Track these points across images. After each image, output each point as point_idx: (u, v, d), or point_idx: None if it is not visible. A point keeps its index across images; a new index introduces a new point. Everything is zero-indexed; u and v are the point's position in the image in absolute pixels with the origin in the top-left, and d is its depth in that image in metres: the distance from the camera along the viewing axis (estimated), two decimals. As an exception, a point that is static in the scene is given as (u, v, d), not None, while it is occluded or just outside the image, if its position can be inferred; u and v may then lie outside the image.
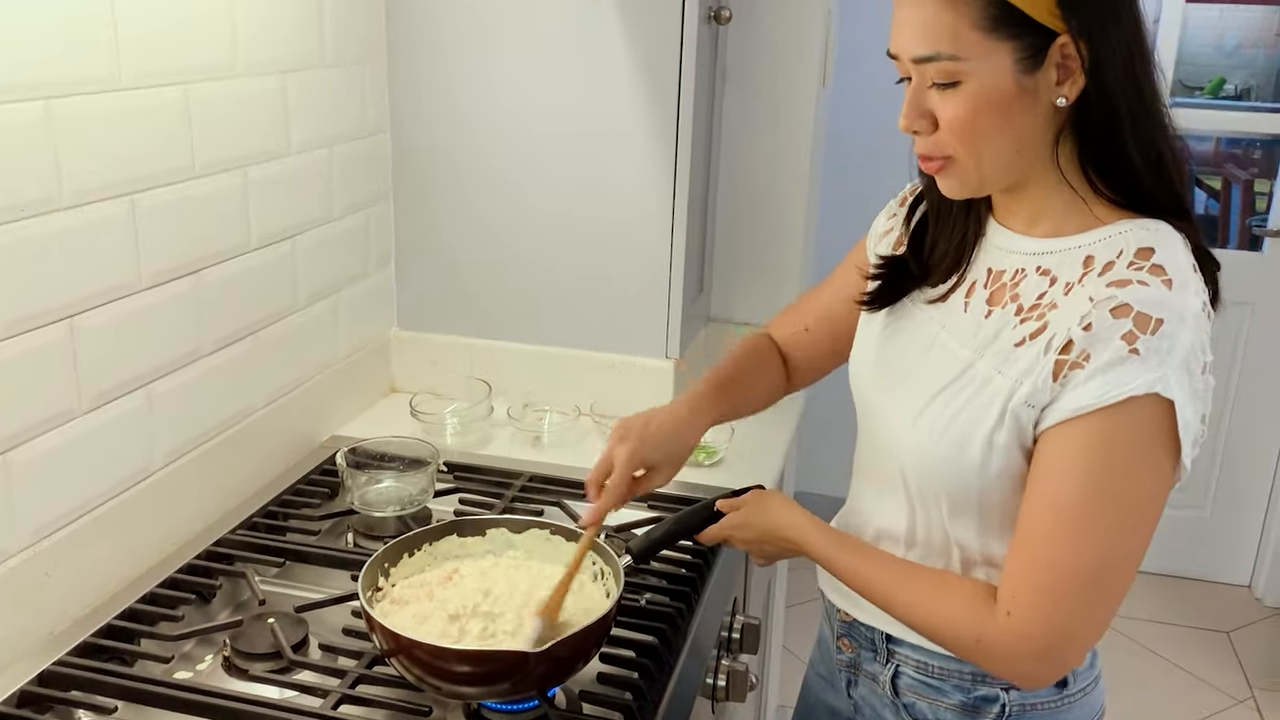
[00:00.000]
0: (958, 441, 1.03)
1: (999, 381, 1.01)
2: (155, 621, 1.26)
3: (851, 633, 1.24)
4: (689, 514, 1.27)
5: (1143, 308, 0.92)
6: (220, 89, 1.42)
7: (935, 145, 1.00)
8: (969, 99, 0.95)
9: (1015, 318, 1.03)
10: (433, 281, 1.94)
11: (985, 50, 0.94)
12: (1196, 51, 6.28)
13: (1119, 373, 0.92)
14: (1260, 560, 3.38)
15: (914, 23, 0.96)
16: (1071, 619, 0.97)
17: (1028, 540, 0.98)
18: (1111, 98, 0.95)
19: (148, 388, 1.35)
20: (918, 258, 1.15)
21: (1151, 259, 0.95)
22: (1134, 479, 0.95)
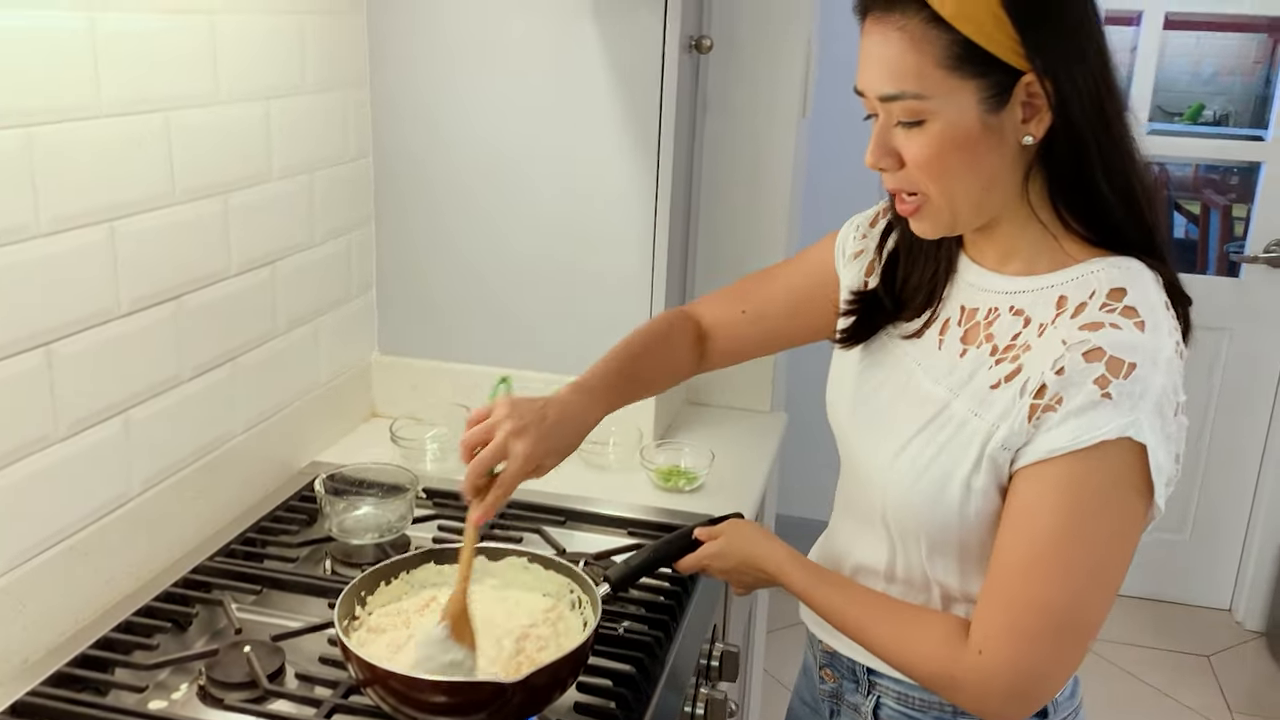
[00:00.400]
0: (936, 483, 1.03)
1: (976, 424, 1.01)
2: (130, 650, 1.25)
3: (833, 663, 1.24)
4: (667, 542, 1.28)
5: (1115, 351, 0.93)
6: (202, 116, 1.42)
7: (905, 181, 1.00)
8: (934, 138, 0.96)
9: (990, 358, 1.03)
10: (414, 306, 1.94)
11: (949, 89, 0.94)
12: (1175, 78, 6.35)
13: (1091, 417, 0.92)
14: (1240, 584, 3.39)
15: (879, 61, 0.96)
16: (1042, 659, 0.97)
17: (1001, 579, 0.98)
18: (1079, 135, 0.95)
19: (125, 414, 1.35)
20: (890, 292, 1.15)
21: (1124, 300, 0.95)
22: (1106, 521, 0.95)
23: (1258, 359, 3.21)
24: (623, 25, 1.73)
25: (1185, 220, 5.17)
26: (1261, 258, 3.12)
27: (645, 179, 1.79)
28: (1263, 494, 3.28)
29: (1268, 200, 3.12)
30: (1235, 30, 6.14)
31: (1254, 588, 3.33)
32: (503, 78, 1.80)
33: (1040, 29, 0.92)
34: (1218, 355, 3.24)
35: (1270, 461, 3.24)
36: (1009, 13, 0.91)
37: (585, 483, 1.74)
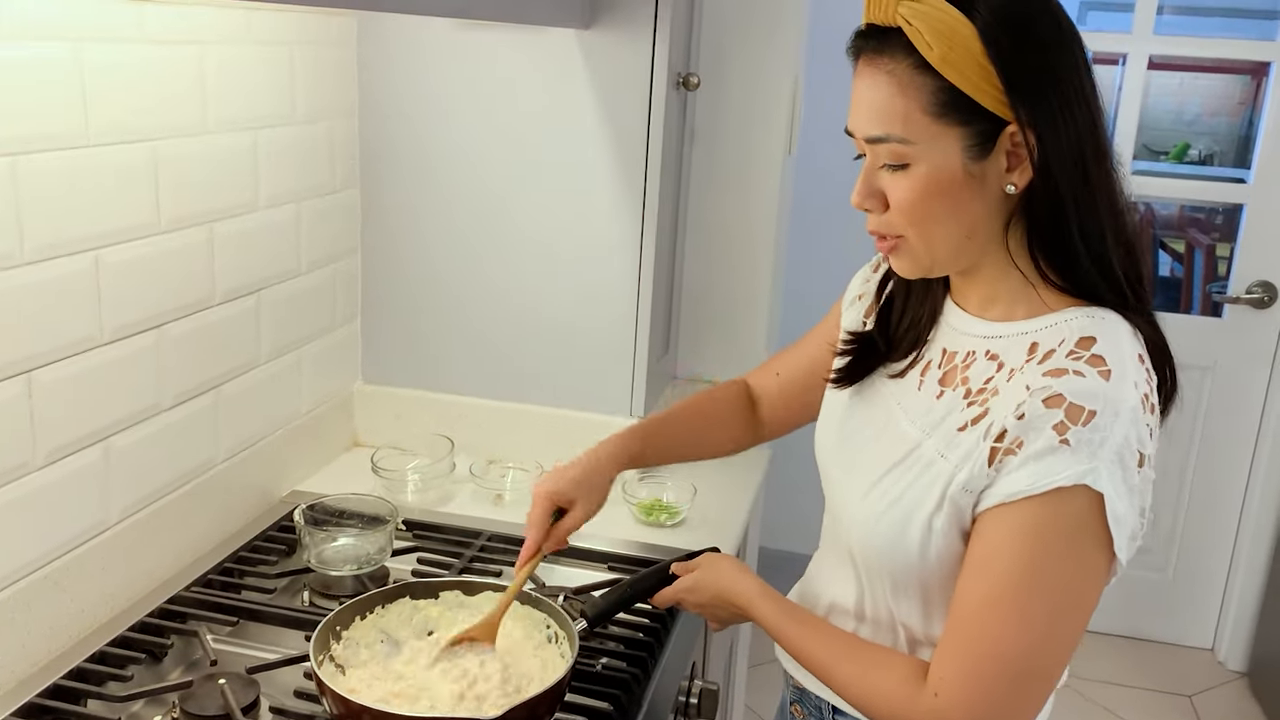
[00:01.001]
0: (899, 522, 1.04)
1: (941, 465, 1.01)
2: (103, 681, 1.24)
3: (803, 700, 1.25)
4: (643, 577, 1.28)
5: (1075, 399, 0.92)
6: (189, 145, 1.43)
7: (886, 225, 1.02)
8: (917, 182, 0.97)
9: (963, 400, 1.04)
10: (398, 336, 1.95)
11: (934, 135, 0.95)
12: (1160, 117, 6.43)
13: (1049, 463, 0.92)
14: (1223, 623, 3.39)
15: (868, 103, 0.98)
16: (997, 704, 0.97)
17: (958, 623, 0.98)
18: (1058, 189, 0.96)
19: (105, 442, 1.35)
20: (884, 333, 1.17)
21: (1092, 349, 0.95)
22: (1064, 568, 0.94)
23: (1240, 398, 3.23)
24: (610, 62, 1.75)
25: (1170, 259, 5.22)
26: (1243, 298, 3.14)
27: (632, 214, 1.80)
28: (1245, 533, 3.28)
29: (1249, 242, 3.15)
30: (1219, 72, 6.23)
31: (1236, 627, 3.33)
32: (491, 112, 1.81)
33: (1025, 81, 0.93)
34: (1201, 394, 3.25)
35: (1252, 501, 3.25)
36: (994, 63, 0.92)
37: (567, 516, 1.74)
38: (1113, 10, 5.09)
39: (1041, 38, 0.95)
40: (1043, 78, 0.94)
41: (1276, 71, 3.02)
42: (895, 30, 0.95)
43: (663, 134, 1.77)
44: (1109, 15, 5.49)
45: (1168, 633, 3.47)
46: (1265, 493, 3.21)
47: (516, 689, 1.12)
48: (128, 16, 1.30)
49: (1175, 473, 3.32)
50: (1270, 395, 3.19)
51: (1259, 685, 3.20)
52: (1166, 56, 3.39)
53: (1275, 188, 3.07)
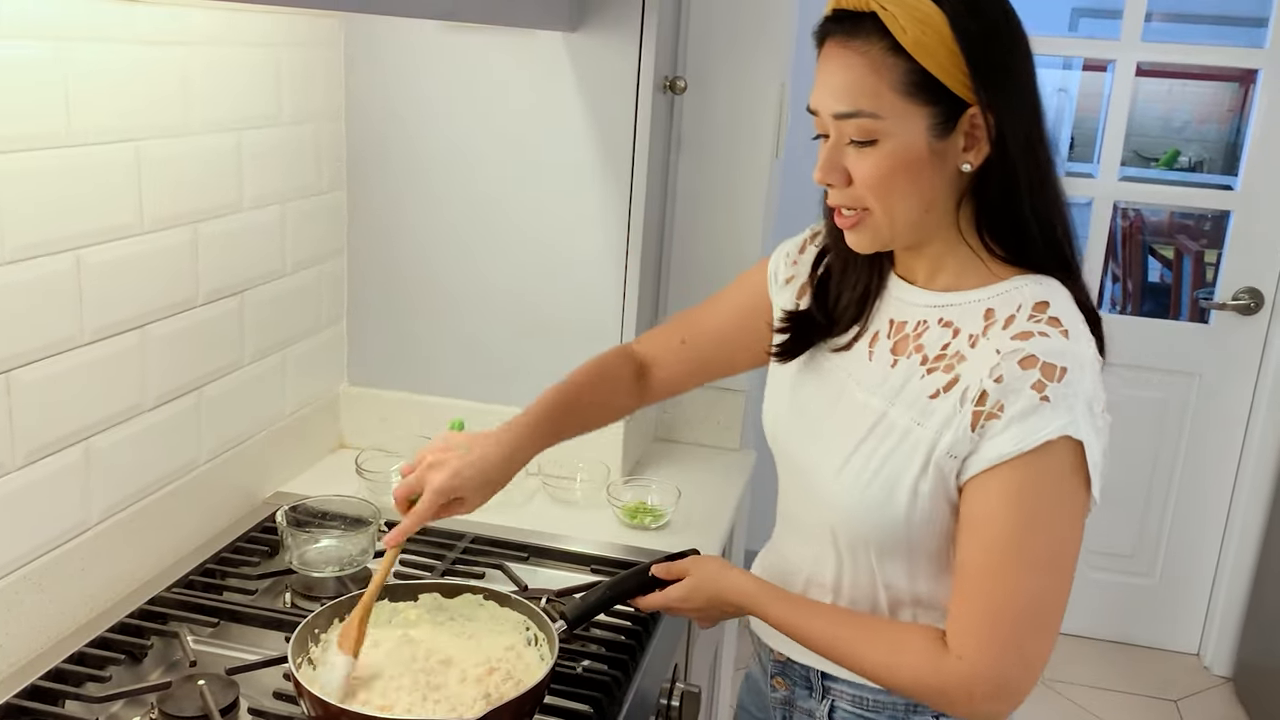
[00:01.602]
0: (885, 489, 1.08)
1: (919, 433, 1.06)
2: (81, 682, 1.24)
3: (785, 672, 1.27)
4: (624, 579, 1.27)
5: (1047, 357, 1.00)
6: (172, 146, 1.43)
7: (851, 198, 1.07)
8: (885, 157, 1.03)
9: (921, 367, 1.09)
10: (384, 338, 1.95)
11: (903, 112, 1.01)
12: (1150, 124, 6.46)
13: (1033, 420, 0.99)
14: (1208, 628, 3.40)
15: (839, 81, 1.03)
16: (1019, 654, 1.03)
17: (969, 585, 1.04)
18: (1012, 167, 1.03)
19: (86, 443, 1.34)
20: (823, 309, 1.21)
21: (1048, 312, 1.04)
22: (1056, 516, 1.02)
23: (1227, 404, 3.24)
24: (597, 64, 1.75)
25: (1160, 265, 5.24)
26: (1230, 305, 3.16)
27: (618, 217, 1.80)
28: (1231, 538, 3.30)
29: (1236, 249, 3.16)
30: (1208, 79, 6.26)
31: (1222, 632, 3.34)
32: (477, 114, 1.81)
33: (987, 67, 1.01)
34: (1188, 400, 3.27)
35: (1239, 506, 3.27)
36: (962, 50, 0.99)
37: (551, 519, 1.74)
38: (1103, 17, 5.12)
39: (999, 29, 1.03)
40: (1002, 65, 1.02)
41: (1264, 79, 3.03)
42: (869, 15, 1.01)
43: (649, 137, 1.77)
44: (1100, 22, 5.52)
45: (1154, 637, 3.47)
46: (1251, 498, 3.22)
47: (491, 693, 1.12)
48: (112, 17, 1.30)
49: (1161, 477, 3.33)
50: (1256, 401, 3.20)
51: (1244, 690, 3.21)
52: (1155, 63, 3.40)
53: (1262, 195, 3.09)
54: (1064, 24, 5.98)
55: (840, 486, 1.12)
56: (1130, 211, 5.18)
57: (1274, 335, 3.14)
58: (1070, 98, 6.52)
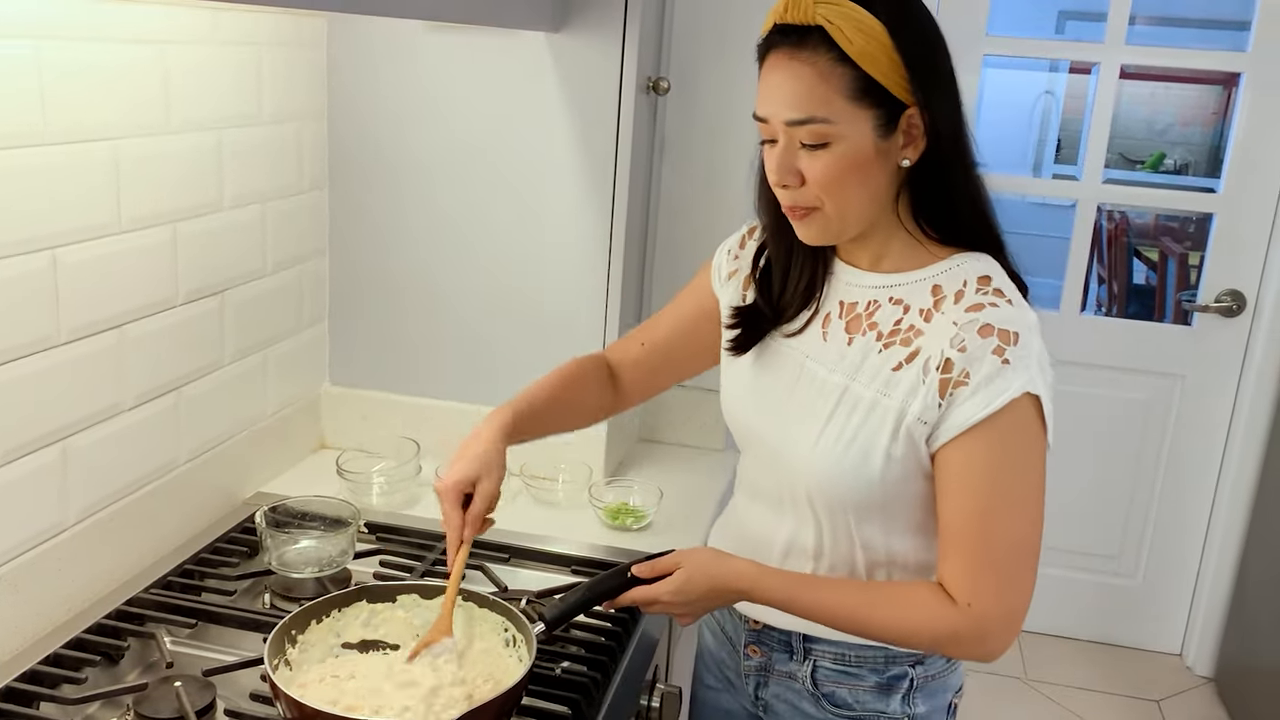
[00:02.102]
0: (860, 456, 1.16)
1: (886, 404, 1.15)
2: (57, 684, 1.23)
3: (761, 639, 1.32)
4: (603, 579, 1.27)
5: (1002, 324, 1.10)
6: (151, 145, 1.42)
7: (804, 198, 1.14)
8: (837, 159, 1.10)
9: (878, 343, 1.18)
10: (367, 338, 1.94)
11: (851, 116, 1.09)
12: (1134, 126, 6.49)
13: (998, 383, 1.09)
14: (1191, 629, 3.41)
15: (789, 90, 1.09)
16: (1017, 589, 1.13)
17: (961, 538, 1.13)
18: (946, 158, 1.14)
19: (63, 442, 1.34)
20: (768, 302, 1.27)
21: (992, 284, 1.15)
22: (1027, 463, 1.12)
23: (1210, 405, 3.25)
24: (580, 65, 1.75)
25: (1145, 267, 5.26)
26: (1213, 307, 3.17)
27: (601, 217, 1.80)
28: (1214, 539, 3.31)
29: (1219, 251, 3.17)
30: (1193, 82, 6.30)
31: (1204, 632, 3.35)
32: (460, 114, 1.81)
33: (924, 71, 1.10)
34: (1171, 402, 3.28)
35: (1221, 507, 3.28)
36: (902, 56, 1.08)
37: (533, 520, 1.74)
38: (1089, 19, 5.14)
39: (927, 33, 1.12)
40: (933, 67, 1.11)
41: (1246, 82, 3.04)
42: (814, 28, 1.07)
43: (632, 137, 1.77)
44: (1086, 25, 5.54)
45: (1136, 638, 3.49)
46: (1233, 499, 3.24)
47: (469, 695, 1.12)
48: (91, 15, 1.30)
49: (1145, 478, 3.34)
50: (1238, 402, 3.22)
51: (1226, 690, 3.23)
52: (1139, 66, 3.41)
53: (1244, 198, 3.10)
54: (1050, 26, 6.01)
55: (818, 457, 1.18)
56: (1115, 214, 5.21)
57: (1256, 337, 3.15)
58: (1057, 100, 6.55)
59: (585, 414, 1.44)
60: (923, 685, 1.27)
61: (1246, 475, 3.21)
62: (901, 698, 1.27)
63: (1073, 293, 3.26)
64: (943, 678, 1.29)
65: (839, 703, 1.28)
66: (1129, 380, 3.28)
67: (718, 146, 2.04)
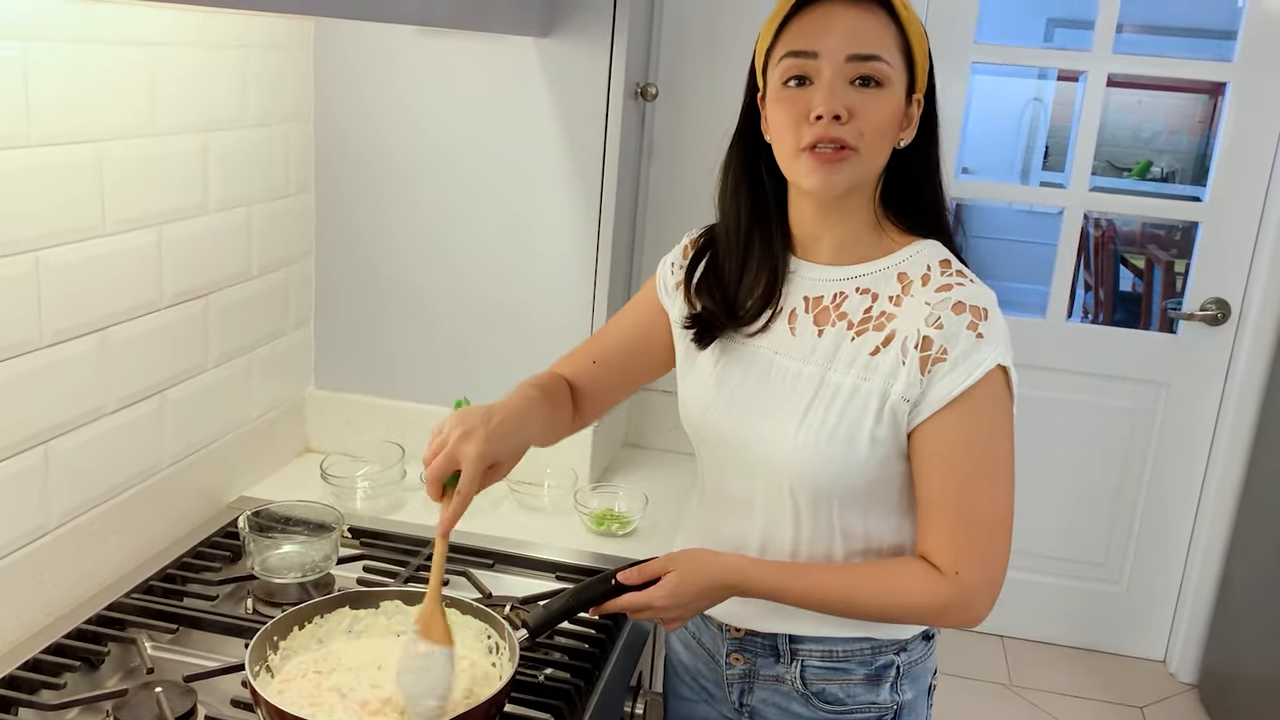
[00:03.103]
0: (846, 441, 1.17)
1: (867, 387, 1.17)
2: (36, 690, 1.22)
3: (744, 647, 1.31)
4: (587, 586, 1.26)
5: (972, 301, 1.15)
6: (136, 147, 1.42)
7: (851, 133, 1.13)
8: (887, 102, 1.14)
9: (849, 332, 1.20)
10: (352, 341, 1.94)
11: (899, 69, 1.15)
12: (1121, 134, 6.52)
13: (975, 357, 1.13)
14: (1174, 635, 3.43)
15: (858, 26, 1.13)
16: (999, 555, 1.17)
17: (944, 508, 1.16)
18: (928, 144, 1.20)
19: (45, 446, 1.33)
20: (720, 304, 1.27)
21: (953, 267, 1.20)
22: (1001, 432, 1.16)
23: (1194, 413, 3.26)
24: (568, 72, 1.75)
25: (1131, 274, 5.28)
26: (1198, 315, 3.18)
27: (588, 223, 1.80)
28: (1197, 546, 3.32)
29: (1204, 259, 3.19)
30: (1179, 91, 6.33)
31: (1188, 639, 3.37)
32: (448, 118, 1.81)
33: (929, 60, 1.19)
34: (1155, 409, 3.29)
35: (1205, 514, 3.29)
36: (928, 43, 1.18)
37: (518, 525, 1.74)
38: (1078, 27, 5.16)
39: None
40: (931, 67, 1.20)
41: (1232, 91, 3.06)
42: None
43: (619, 142, 1.77)
44: (1074, 32, 5.57)
45: (1119, 644, 3.50)
46: (1217, 506, 3.25)
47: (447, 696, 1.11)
48: (76, 17, 1.29)
49: (1129, 485, 3.36)
50: (1223, 410, 3.23)
51: (1209, 697, 3.24)
52: (1126, 75, 3.43)
53: (1229, 206, 3.11)
54: (1039, 33, 6.03)
55: (800, 448, 1.19)
56: (1102, 221, 5.23)
57: (1240, 345, 3.17)
58: (1045, 107, 6.57)
59: (558, 427, 1.40)
60: (907, 671, 1.29)
61: (1230, 482, 3.22)
62: (890, 686, 1.28)
63: (1059, 300, 3.27)
64: (923, 663, 1.31)
65: (830, 699, 1.29)
66: (1114, 387, 3.29)
67: (706, 151, 2.02)
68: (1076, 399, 3.28)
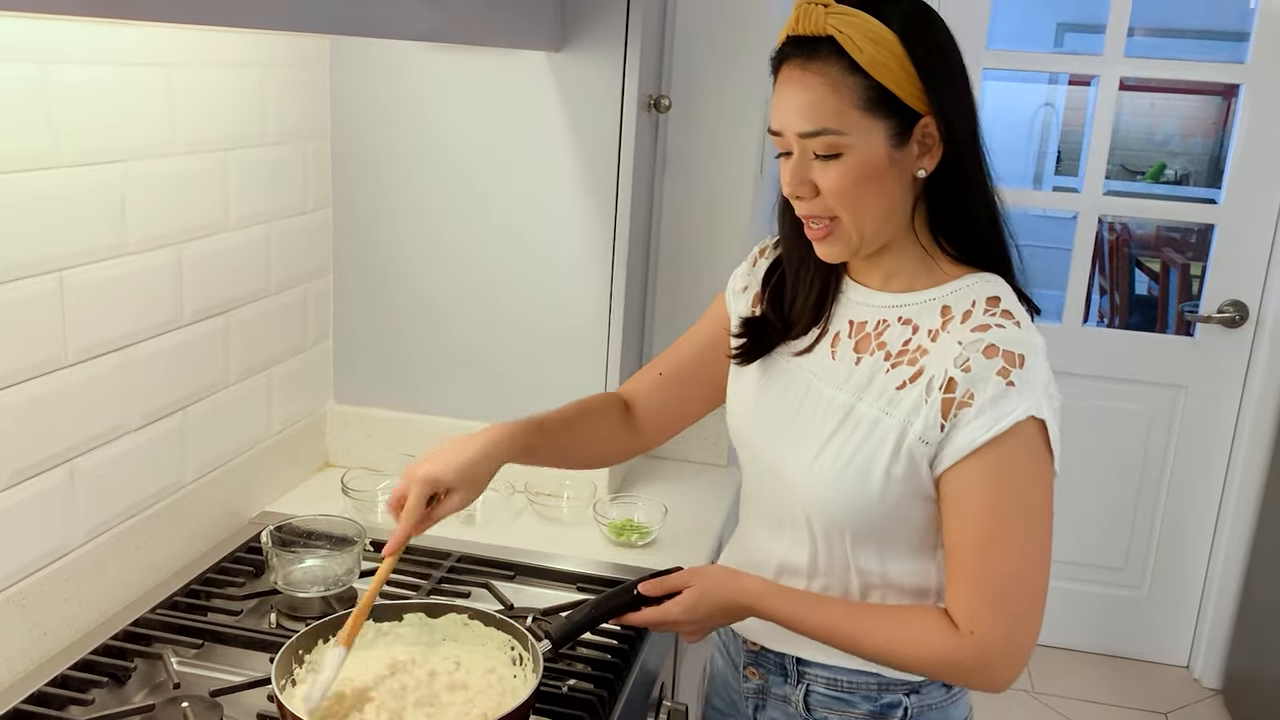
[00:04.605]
0: (859, 475, 1.14)
1: (888, 422, 1.13)
2: (64, 705, 1.23)
3: (759, 661, 1.31)
4: (609, 597, 1.27)
5: (1007, 346, 1.09)
6: (158, 166, 1.43)
7: (820, 208, 1.13)
8: (850, 169, 1.09)
9: (885, 363, 1.16)
10: (371, 356, 1.95)
11: (864, 127, 1.08)
12: (1134, 138, 6.50)
13: (1003, 405, 1.07)
14: (1198, 641, 3.41)
15: (802, 101, 1.09)
16: (1020, 619, 1.11)
17: (964, 564, 1.11)
18: (962, 168, 1.13)
19: (70, 464, 1.34)
20: (779, 314, 1.27)
21: (1000, 305, 1.13)
22: (1032, 489, 1.10)
23: (1213, 417, 3.25)
24: (582, 84, 1.76)
25: (1146, 278, 5.26)
26: (1215, 318, 3.17)
27: (603, 235, 1.80)
28: (1219, 550, 3.30)
29: (1220, 262, 3.18)
30: (1192, 93, 6.31)
31: (1211, 645, 3.34)
32: (463, 134, 1.82)
33: (937, 79, 1.09)
34: (1174, 413, 3.28)
35: (1226, 519, 3.28)
36: (915, 65, 1.07)
37: (537, 537, 1.74)
38: (1089, 31, 5.15)
39: (941, 41, 1.11)
40: (948, 75, 1.10)
41: (1245, 93, 3.05)
42: (826, 39, 1.07)
43: (633, 155, 1.78)
44: (1085, 36, 5.56)
45: (1143, 650, 3.48)
46: (1238, 510, 3.23)
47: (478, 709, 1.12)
48: (97, 39, 1.31)
49: (1149, 490, 3.34)
50: (1242, 413, 3.22)
51: (1234, 702, 3.22)
52: (1138, 78, 3.42)
53: (1245, 208, 3.11)
54: (1050, 38, 6.02)
55: (816, 477, 1.17)
56: (1117, 225, 5.21)
57: (1259, 348, 3.16)
58: (1057, 112, 6.57)
59: (597, 448, 1.42)
60: (918, 715, 1.24)
61: (1251, 485, 3.20)
62: None
63: (1074, 304, 3.27)
64: (942, 709, 1.25)
65: None
66: (1131, 391, 3.28)
67: (719, 163, 2.05)
68: (1094, 404, 3.27)
